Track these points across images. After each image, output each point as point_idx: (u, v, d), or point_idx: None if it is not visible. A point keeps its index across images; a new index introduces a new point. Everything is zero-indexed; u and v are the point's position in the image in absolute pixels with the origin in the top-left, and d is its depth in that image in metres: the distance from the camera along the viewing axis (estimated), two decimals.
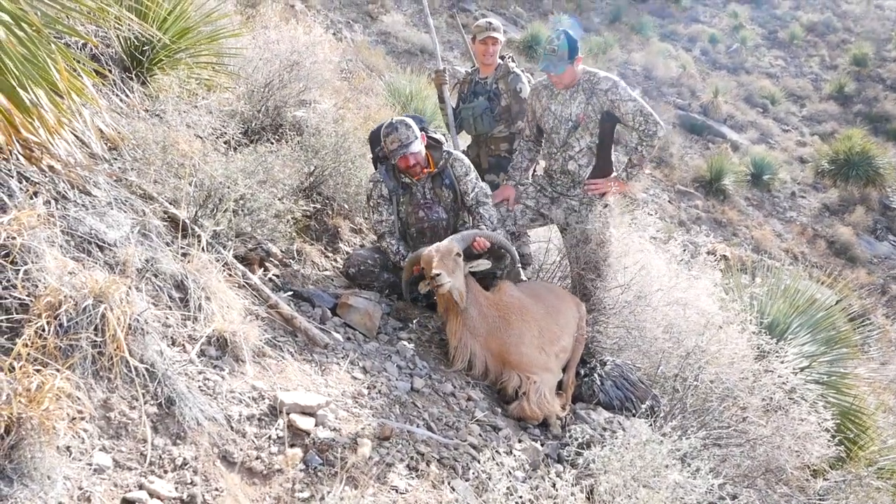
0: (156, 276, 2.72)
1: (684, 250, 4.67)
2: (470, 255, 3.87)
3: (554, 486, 2.54)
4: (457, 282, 3.61)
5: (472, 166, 4.40)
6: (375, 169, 4.45)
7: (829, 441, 3.87)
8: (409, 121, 4.16)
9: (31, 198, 2.43)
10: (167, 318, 2.61)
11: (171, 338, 2.57)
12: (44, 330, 2.01)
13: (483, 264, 3.85)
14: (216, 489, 2.11)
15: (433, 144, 4.31)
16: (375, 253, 4.32)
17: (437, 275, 3.48)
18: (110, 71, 4.01)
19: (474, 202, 4.32)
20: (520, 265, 4.65)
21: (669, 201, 15.45)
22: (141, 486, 1.97)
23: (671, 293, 4.31)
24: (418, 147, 4.15)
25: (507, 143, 5.18)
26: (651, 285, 4.35)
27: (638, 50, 24.36)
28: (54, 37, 2.94)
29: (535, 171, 5.06)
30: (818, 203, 17.80)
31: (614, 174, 4.50)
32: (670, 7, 30.43)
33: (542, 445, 3.34)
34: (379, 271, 4.26)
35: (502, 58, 5.23)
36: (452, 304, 3.67)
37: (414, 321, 4.08)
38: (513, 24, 20.57)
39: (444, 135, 4.64)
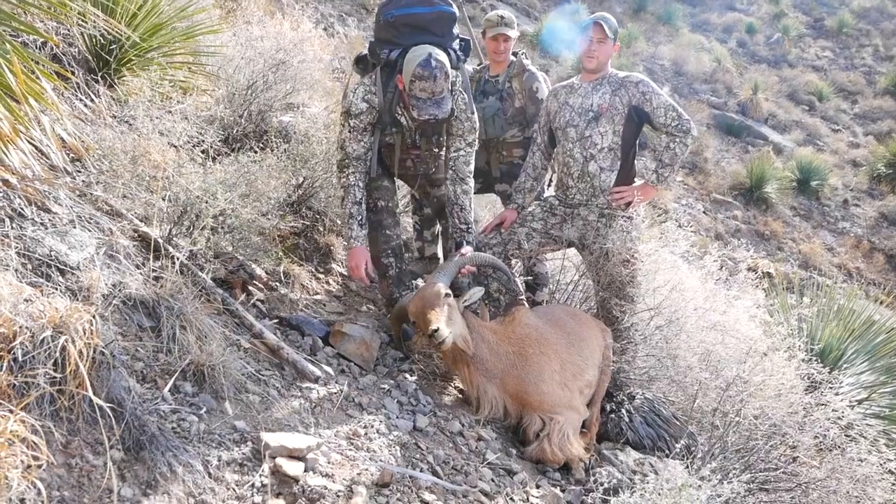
0: (124, 302, 2.72)
1: (722, 267, 4.64)
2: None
3: None
4: (457, 328, 3.55)
5: (475, 128, 4.20)
6: (371, 57, 4.13)
7: (893, 485, 3.82)
8: (448, 68, 3.82)
9: None
10: (137, 350, 2.60)
11: (142, 373, 2.56)
12: None
13: (476, 293, 3.82)
14: None
15: None
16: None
17: (436, 330, 3.37)
18: (73, 73, 4.03)
19: (453, 174, 4.17)
20: (517, 283, 4.62)
21: (704, 212, 15.44)
22: None
23: (707, 316, 4.28)
24: (448, 107, 3.85)
25: (521, 148, 5.17)
26: (684, 308, 4.32)
27: (666, 42, 24.49)
28: (10, 35, 2.96)
29: (542, 191, 5.02)
30: (874, 212, 17.73)
31: (640, 181, 4.48)
32: None
33: (562, 492, 3.31)
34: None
35: (515, 54, 5.24)
36: (460, 353, 3.63)
37: (417, 352, 4.06)
38: (525, 16, 20.71)
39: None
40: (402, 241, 4.40)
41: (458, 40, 4.30)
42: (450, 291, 3.63)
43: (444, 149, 4.26)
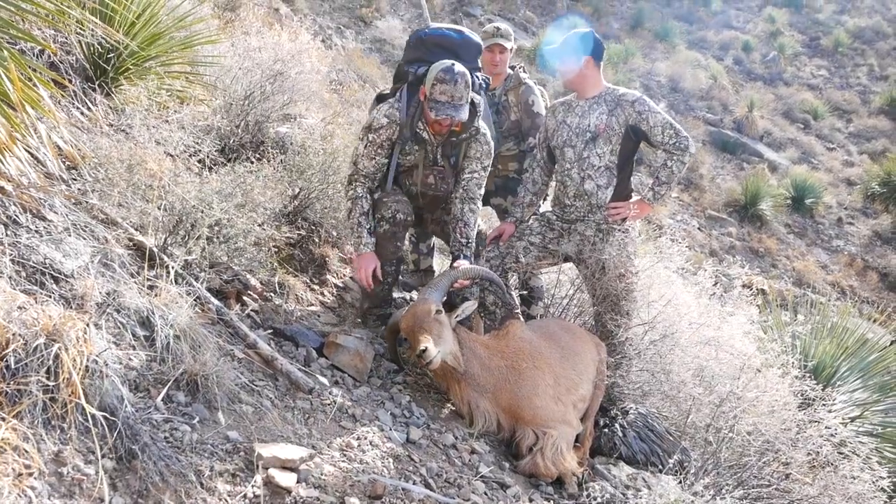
0: (118, 311, 2.71)
1: (716, 283, 4.65)
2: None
3: None
4: (447, 346, 3.54)
5: (491, 153, 4.30)
6: (397, 80, 4.33)
7: (885, 502, 3.82)
8: (469, 77, 3.94)
9: None
10: (130, 359, 2.60)
11: (135, 381, 2.55)
12: None
13: (469, 308, 3.83)
14: None
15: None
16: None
17: (424, 351, 3.38)
18: (70, 81, 4.04)
19: (463, 194, 4.25)
20: (512, 296, 4.63)
21: (699, 228, 15.49)
22: None
23: (701, 332, 4.29)
24: (465, 114, 3.94)
25: (517, 162, 5.19)
26: (679, 323, 4.33)
27: (663, 59, 24.63)
28: (7, 42, 2.97)
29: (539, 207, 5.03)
30: (868, 230, 17.81)
31: (636, 197, 4.49)
32: (699, 11, 30.81)
33: None
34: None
35: (512, 68, 5.26)
36: (450, 370, 3.62)
37: (411, 364, 4.05)
38: (522, 31, 20.80)
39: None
40: (405, 252, 4.46)
41: (481, 73, 4.47)
42: (441, 308, 3.64)
43: (460, 170, 4.30)
